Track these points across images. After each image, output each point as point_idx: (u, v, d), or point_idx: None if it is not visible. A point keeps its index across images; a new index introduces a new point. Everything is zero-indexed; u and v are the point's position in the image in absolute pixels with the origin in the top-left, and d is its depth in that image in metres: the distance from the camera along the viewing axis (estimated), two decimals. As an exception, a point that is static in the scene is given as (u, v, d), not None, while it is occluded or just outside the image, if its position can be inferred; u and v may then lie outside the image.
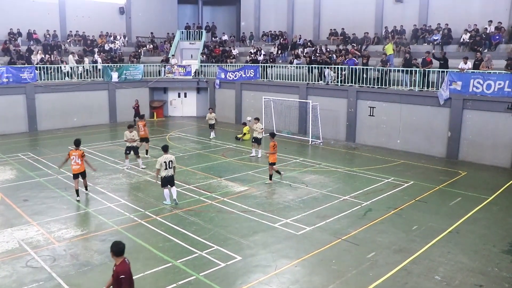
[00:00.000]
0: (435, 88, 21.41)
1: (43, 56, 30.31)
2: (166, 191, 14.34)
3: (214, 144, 23.79)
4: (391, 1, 29.37)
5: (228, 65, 32.47)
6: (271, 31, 36.14)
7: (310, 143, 24.19)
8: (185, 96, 34.96)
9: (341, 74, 25.09)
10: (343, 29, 31.05)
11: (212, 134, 25.69)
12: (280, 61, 31.34)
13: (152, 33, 38.71)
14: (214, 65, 33.39)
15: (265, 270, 9.96)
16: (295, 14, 35.32)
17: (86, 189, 15.44)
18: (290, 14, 35.40)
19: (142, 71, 33.02)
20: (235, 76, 30.84)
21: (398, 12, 28.98)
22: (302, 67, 27.43)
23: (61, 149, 22.17)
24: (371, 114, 23.65)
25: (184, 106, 34.89)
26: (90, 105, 30.40)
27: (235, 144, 23.90)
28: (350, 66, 24.56)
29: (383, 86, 23.25)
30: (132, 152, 18.93)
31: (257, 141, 20.80)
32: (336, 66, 25.41)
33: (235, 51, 34.97)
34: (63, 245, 11.33)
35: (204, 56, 35.34)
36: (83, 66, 31.04)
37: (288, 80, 28.10)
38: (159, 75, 33.81)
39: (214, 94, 32.67)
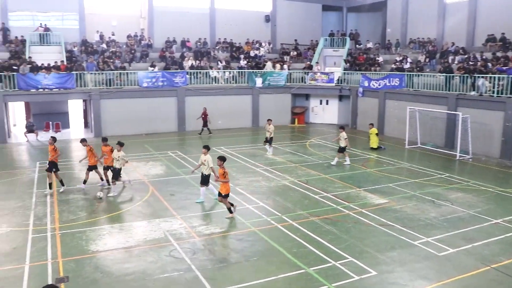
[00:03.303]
0: None
1: (193, 62, 32.67)
2: (203, 189, 15.12)
3: (354, 154, 23.37)
4: None
5: (372, 73, 31.70)
6: (419, 37, 34.43)
7: (457, 158, 22.48)
8: (327, 103, 34.95)
9: (498, 84, 22.93)
10: (503, 34, 28.28)
11: (270, 150, 22.91)
12: (427, 70, 29.70)
13: (296, 40, 39.45)
14: (357, 73, 32.86)
15: (401, 290, 9.49)
16: (446, 19, 33.17)
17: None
18: (440, 20, 33.35)
19: (285, 77, 33.79)
20: (379, 85, 29.98)
21: None
22: (453, 76, 25.63)
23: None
24: (532, 130, 21.22)
25: (325, 113, 34.91)
26: (234, 109, 31.97)
27: (377, 154, 23.21)
28: (510, 76, 22.31)
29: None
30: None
31: (340, 150, 20.81)
32: (492, 76, 23.30)
33: (379, 59, 34.03)
34: (202, 240, 12.03)
35: (348, 64, 34.97)
36: (230, 72, 32.80)
37: (436, 90, 26.48)
38: (302, 81, 34.29)
39: (357, 102, 32.13)
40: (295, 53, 38.30)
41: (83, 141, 17.04)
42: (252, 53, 36.55)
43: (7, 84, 26.39)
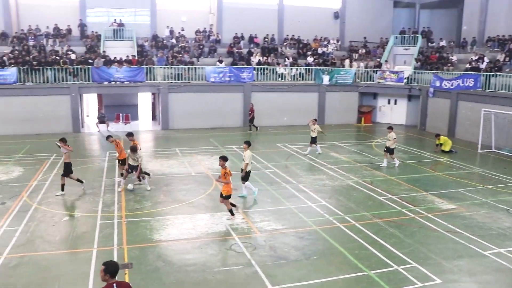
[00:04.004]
0: None
1: (261, 58, 32.78)
2: (249, 184, 15.09)
3: (422, 156, 22.53)
4: None
5: (445, 73, 30.36)
6: (498, 35, 32.57)
7: (536, 164, 21.08)
8: (395, 103, 33.88)
9: None
10: None
11: (311, 149, 22.10)
12: (507, 70, 28.01)
13: (365, 37, 38.54)
14: (428, 72, 31.59)
15: (469, 301, 8.99)
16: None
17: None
18: (525, 16, 31.31)
19: (353, 75, 33.15)
20: (452, 85, 28.63)
21: None
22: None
23: (270, 146, 23.78)
24: None
25: (393, 113, 33.84)
26: (300, 106, 31.74)
27: (447, 157, 22.20)
28: None
29: None
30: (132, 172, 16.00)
31: (388, 150, 20.22)
32: None
33: (453, 58, 32.53)
34: (263, 236, 12.02)
35: (419, 63, 33.72)
36: (297, 68, 32.63)
37: (515, 91, 24.92)
38: (370, 80, 33.50)
39: (426, 103, 30.87)
40: (363, 50, 37.44)
41: (108, 137, 16.86)
42: (319, 50, 36.13)
43: (82, 77, 27.79)
